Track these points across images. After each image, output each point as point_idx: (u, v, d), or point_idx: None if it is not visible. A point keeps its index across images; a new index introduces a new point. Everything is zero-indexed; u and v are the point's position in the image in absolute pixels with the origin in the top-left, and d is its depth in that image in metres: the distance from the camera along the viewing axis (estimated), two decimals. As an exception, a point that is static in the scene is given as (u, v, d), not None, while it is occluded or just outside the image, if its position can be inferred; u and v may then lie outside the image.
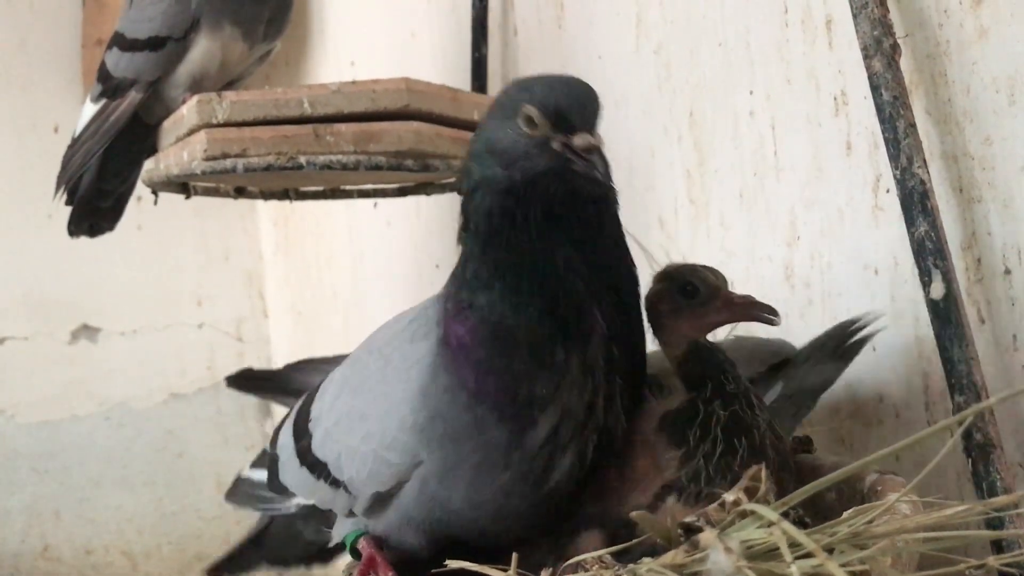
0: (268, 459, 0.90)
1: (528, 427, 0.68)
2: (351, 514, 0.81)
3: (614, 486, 0.72)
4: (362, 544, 0.79)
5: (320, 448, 0.81)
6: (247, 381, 1.08)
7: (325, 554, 0.92)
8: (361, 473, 0.76)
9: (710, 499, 0.68)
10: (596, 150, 0.67)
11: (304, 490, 0.84)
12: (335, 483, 0.79)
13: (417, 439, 0.71)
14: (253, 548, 0.96)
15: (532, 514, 0.72)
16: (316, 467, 0.81)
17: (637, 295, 0.74)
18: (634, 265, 0.74)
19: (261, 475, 0.92)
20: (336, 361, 0.90)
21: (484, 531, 0.74)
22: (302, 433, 0.84)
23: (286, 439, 0.87)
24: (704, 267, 0.77)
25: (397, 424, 0.72)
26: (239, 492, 0.95)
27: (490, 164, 0.69)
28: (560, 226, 0.68)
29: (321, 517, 0.86)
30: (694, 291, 0.75)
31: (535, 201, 0.68)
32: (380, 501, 0.77)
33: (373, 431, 0.75)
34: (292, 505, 0.87)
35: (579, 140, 0.67)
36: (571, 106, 0.68)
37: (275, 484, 0.88)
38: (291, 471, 0.85)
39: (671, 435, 0.72)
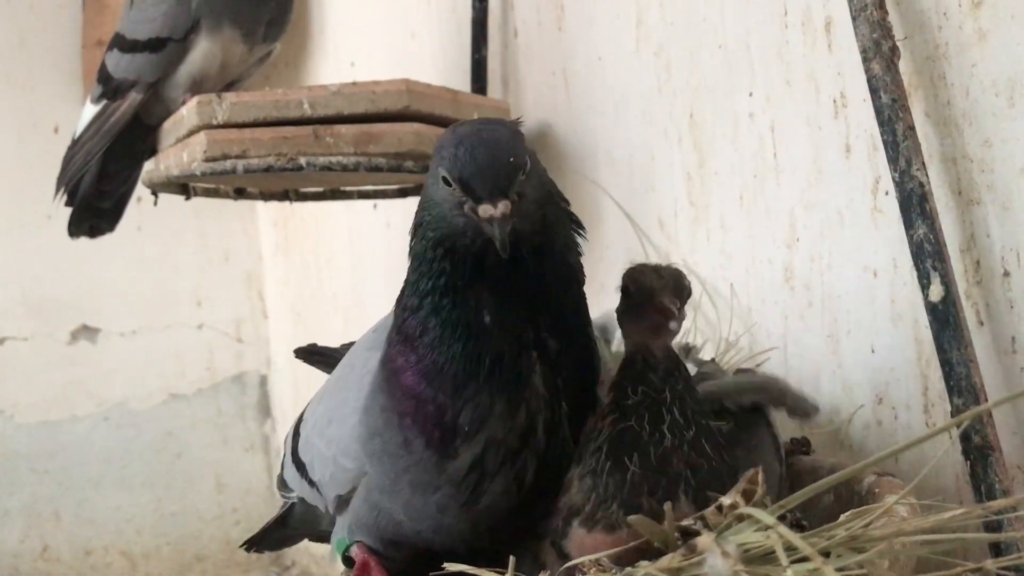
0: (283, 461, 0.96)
1: (451, 456, 0.71)
2: (329, 512, 0.84)
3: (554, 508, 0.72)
4: (355, 551, 0.80)
5: (303, 450, 0.85)
6: (313, 355, 1.08)
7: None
8: (324, 476, 0.80)
9: (607, 525, 0.68)
10: (497, 221, 0.66)
11: (296, 486, 0.88)
12: (312, 483, 0.84)
13: (362, 451, 0.75)
14: (280, 527, 1.00)
15: (472, 530, 0.74)
16: (300, 467, 0.85)
17: (583, 323, 0.75)
18: (581, 296, 0.75)
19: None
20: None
21: (429, 542, 0.76)
22: (296, 433, 0.88)
23: (289, 438, 0.92)
24: (655, 269, 0.74)
25: (349, 432, 0.76)
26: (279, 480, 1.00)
27: (427, 209, 0.72)
28: (488, 275, 0.70)
29: (317, 511, 0.90)
30: (627, 292, 0.73)
31: (461, 254, 0.70)
32: (343, 503, 0.80)
33: (334, 437, 0.78)
34: (293, 498, 0.92)
35: (482, 211, 0.67)
36: (473, 176, 0.67)
37: (279, 479, 0.94)
38: (287, 468, 0.90)
39: (579, 453, 0.72)
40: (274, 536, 1.02)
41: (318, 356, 1.06)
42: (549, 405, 0.72)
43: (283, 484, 0.93)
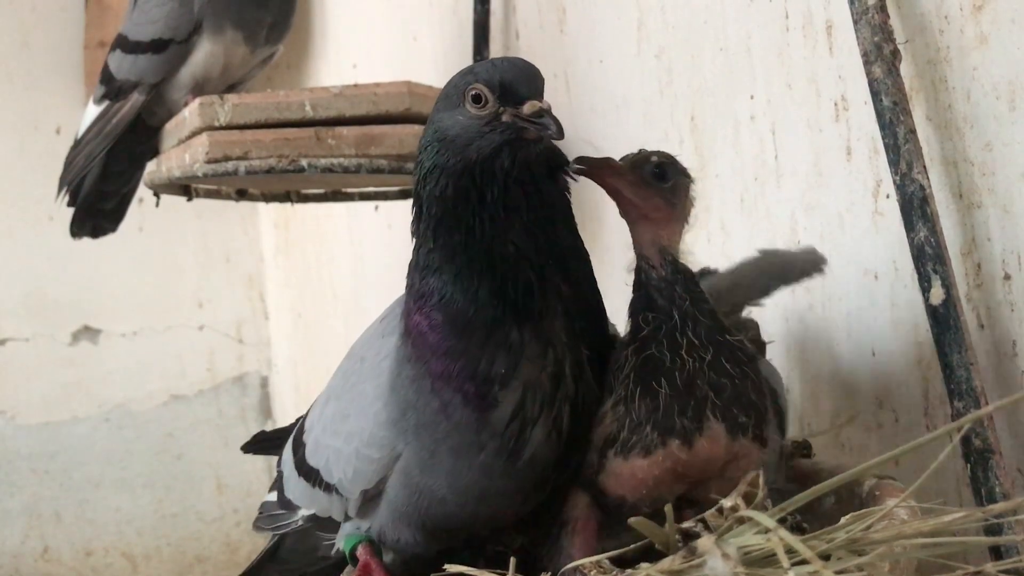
0: (278, 477, 0.92)
1: (492, 406, 0.70)
2: (347, 517, 0.81)
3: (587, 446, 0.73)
4: (359, 551, 0.79)
5: (312, 455, 0.82)
6: (263, 444, 1.06)
7: (339, 568, 0.93)
8: (347, 473, 0.77)
9: (643, 448, 0.69)
10: (546, 112, 0.68)
11: (304, 500, 0.85)
12: (328, 488, 0.80)
13: (393, 433, 0.73)
14: (270, 562, 0.96)
15: (517, 491, 0.73)
16: (311, 475, 0.82)
17: (589, 271, 0.75)
18: (583, 244, 0.75)
19: (272, 496, 0.92)
20: None
21: (475, 516, 0.75)
22: (299, 445, 0.86)
23: (287, 454, 0.89)
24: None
25: (373, 420, 0.74)
26: (262, 517, 0.95)
27: (441, 151, 0.71)
28: (513, 208, 0.70)
29: (326, 528, 0.86)
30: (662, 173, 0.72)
31: (491, 180, 0.69)
32: (370, 499, 0.78)
33: (354, 430, 0.76)
34: (299, 518, 0.87)
35: (528, 107, 0.68)
36: (516, 78, 0.69)
37: (282, 499, 0.89)
38: (292, 483, 0.86)
39: (606, 385, 0.72)
40: (265, 572, 0.97)
41: (269, 443, 1.04)
42: (572, 348, 0.71)
43: (284, 505, 0.88)
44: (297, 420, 0.99)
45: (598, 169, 0.72)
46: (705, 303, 0.72)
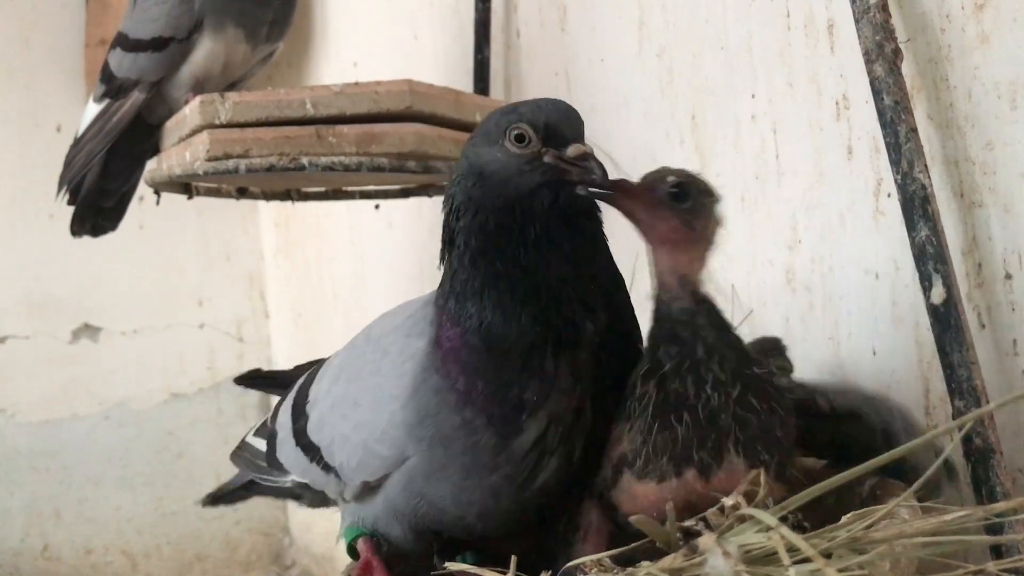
0: (267, 433, 0.92)
1: (516, 432, 0.69)
2: (343, 499, 0.82)
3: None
4: (360, 546, 0.79)
5: (315, 431, 0.82)
6: (254, 380, 1.09)
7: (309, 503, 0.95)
8: (351, 461, 0.77)
9: (658, 477, 0.67)
10: (590, 156, 0.69)
11: (298, 469, 0.85)
12: (327, 467, 0.81)
13: (406, 436, 0.72)
14: (244, 491, 1.00)
15: (518, 512, 0.73)
16: (310, 449, 0.82)
17: (627, 298, 0.75)
18: (620, 274, 0.75)
19: (260, 444, 0.93)
20: None
21: (469, 528, 0.75)
22: (299, 414, 0.85)
23: (284, 417, 0.88)
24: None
25: (387, 418, 0.74)
26: (242, 456, 0.96)
27: (477, 185, 0.71)
28: (554, 240, 0.70)
29: (315, 495, 0.87)
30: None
31: (531, 216, 0.69)
32: (369, 490, 0.78)
33: (364, 421, 0.76)
34: (287, 480, 0.88)
35: (572, 150, 0.69)
36: (560, 120, 0.70)
37: (272, 459, 0.89)
38: (287, 449, 0.86)
39: (622, 407, 0.71)
40: (239, 495, 1.01)
41: (263, 379, 1.05)
42: (597, 380, 0.71)
43: (272, 464, 0.88)
44: (294, 370, 1.00)
45: (610, 192, 0.70)
46: (730, 333, 0.70)
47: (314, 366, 0.95)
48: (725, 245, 1.09)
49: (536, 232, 0.69)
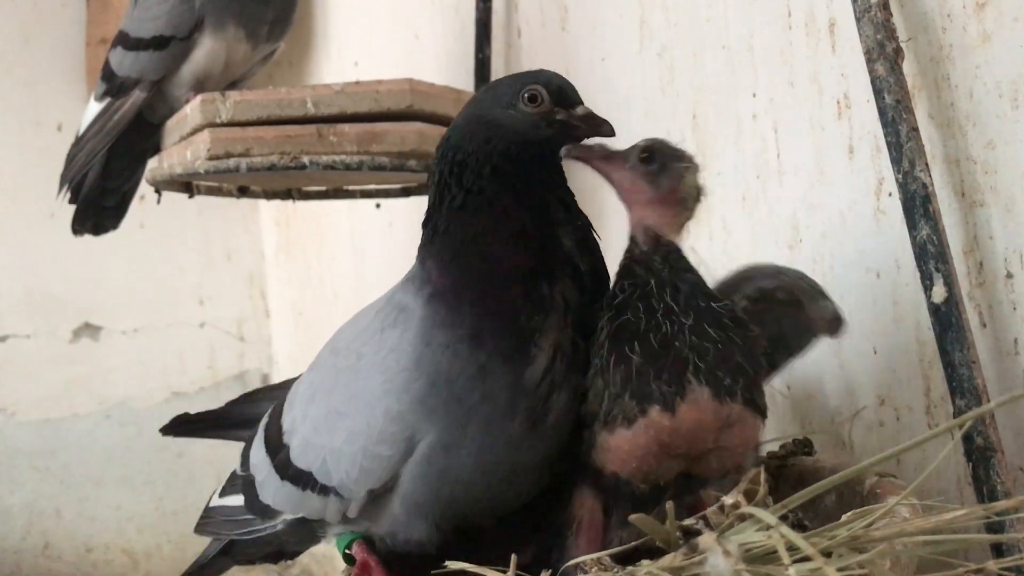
0: (242, 481, 0.89)
1: (529, 362, 0.72)
2: (344, 519, 0.79)
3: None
4: (355, 549, 0.78)
5: (301, 457, 0.80)
6: (184, 426, 1.03)
7: (294, 554, 0.93)
8: (351, 474, 0.76)
9: (624, 419, 0.68)
10: (594, 114, 0.79)
11: (290, 505, 0.83)
12: (324, 490, 0.79)
13: (415, 417, 0.72)
14: (222, 557, 0.94)
15: (539, 463, 0.74)
16: (300, 478, 0.80)
17: (596, 240, 0.79)
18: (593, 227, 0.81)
19: (234, 500, 0.90)
20: (284, 387, 0.90)
21: (494, 499, 0.75)
22: (278, 448, 0.83)
23: (259, 457, 0.86)
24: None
25: (382, 415, 0.73)
26: (211, 523, 0.92)
27: (490, 139, 0.76)
28: (553, 184, 0.78)
29: (307, 532, 0.84)
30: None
31: (540, 161, 0.77)
32: (376, 498, 0.76)
33: (357, 429, 0.75)
34: (278, 523, 0.85)
35: (581, 110, 0.78)
36: (566, 85, 0.79)
37: (256, 505, 0.86)
38: (271, 488, 0.84)
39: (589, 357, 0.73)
40: (218, 566, 0.95)
41: (195, 424, 1.02)
42: (583, 312, 0.74)
43: (256, 511, 0.85)
44: (227, 406, 0.98)
45: (588, 154, 0.77)
46: (688, 272, 0.72)
47: (256, 397, 0.96)
48: (726, 244, 1.10)
49: (541, 177, 0.77)
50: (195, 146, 1.22)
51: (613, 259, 0.77)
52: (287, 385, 0.89)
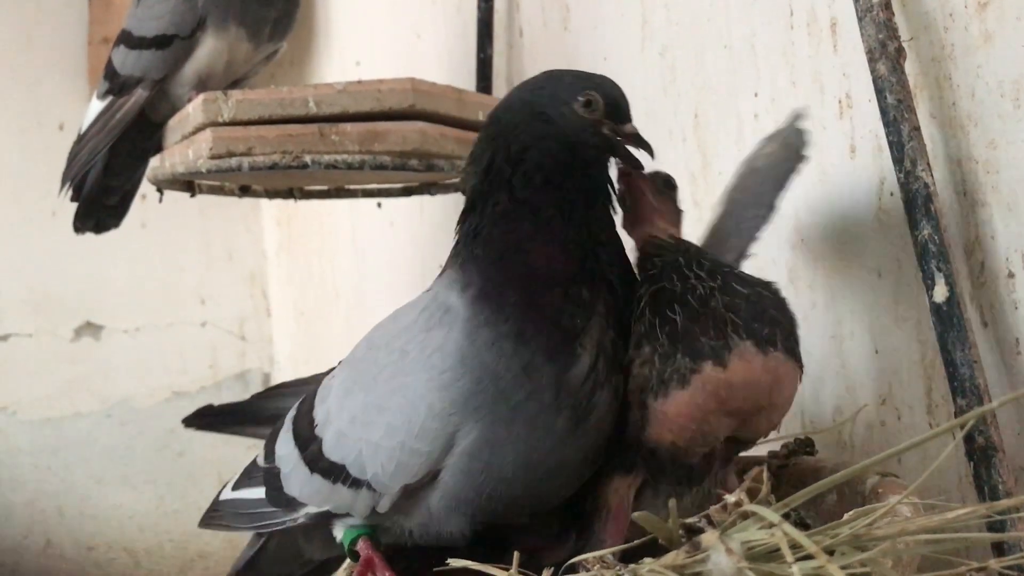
0: (264, 474, 0.88)
1: (573, 361, 0.72)
2: (372, 514, 0.79)
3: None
4: (360, 545, 0.79)
5: (334, 450, 0.80)
6: (208, 418, 1.01)
7: (324, 570, 0.92)
8: (387, 468, 0.76)
9: (679, 380, 0.70)
10: (641, 136, 0.80)
11: (318, 497, 0.82)
12: (356, 483, 0.78)
13: (460, 415, 0.73)
14: (249, 571, 0.93)
15: (581, 461, 0.75)
16: (332, 471, 0.80)
17: (626, 258, 0.81)
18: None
19: (252, 493, 0.89)
20: (310, 382, 0.90)
21: (534, 496, 0.75)
22: (308, 440, 0.83)
23: (287, 450, 0.85)
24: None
25: (425, 412, 0.73)
26: (221, 516, 0.91)
27: (543, 136, 0.77)
28: (601, 190, 0.79)
29: (325, 529, 0.83)
30: (623, 202, 0.81)
31: (585, 167, 0.78)
32: (411, 493, 0.76)
33: (397, 424, 0.75)
34: (300, 516, 0.84)
35: (629, 128, 0.80)
36: (621, 99, 0.80)
37: (280, 498, 0.85)
38: (299, 480, 0.83)
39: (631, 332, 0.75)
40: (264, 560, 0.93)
41: (219, 416, 1.01)
42: (618, 317, 0.75)
43: (279, 504, 0.84)
44: (252, 398, 0.97)
45: (633, 171, 0.82)
46: (708, 253, 0.78)
47: (283, 392, 0.95)
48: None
49: (582, 180, 0.78)
50: (197, 145, 1.22)
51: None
52: (315, 380, 0.89)
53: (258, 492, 0.88)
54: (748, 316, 0.71)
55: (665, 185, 0.83)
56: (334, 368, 0.87)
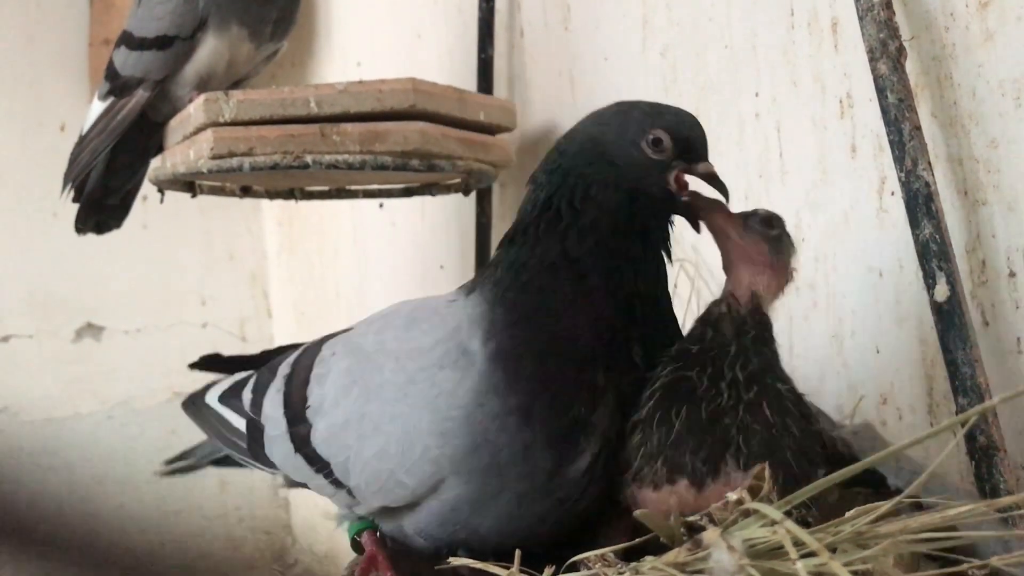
0: (248, 423, 0.87)
1: (575, 455, 0.70)
2: (351, 512, 0.80)
3: None
4: (365, 540, 0.79)
5: (323, 445, 0.79)
6: (216, 364, 1.04)
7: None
8: (371, 486, 0.75)
9: (652, 483, 0.67)
10: (717, 176, 0.74)
11: (298, 475, 0.82)
12: (338, 483, 0.78)
13: (448, 469, 0.71)
14: (215, 464, 0.96)
15: (557, 534, 0.74)
16: (316, 461, 0.79)
17: (670, 307, 0.75)
18: (672, 306, 0.77)
19: (236, 421, 0.89)
20: (318, 344, 0.88)
21: (499, 548, 0.74)
22: (298, 418, 0.81)
23: (275, 412, 0.84)
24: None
25: (420, 452, 0.72)
26: (205, 419, 0.92)
27: (607, 176, 0.72)
28: (651, 242, 0.73)
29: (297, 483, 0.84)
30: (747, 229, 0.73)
31: (643, 219, 0.72)
32: (388, 512, 0.77)
33: (391, 452, 0.73)
34: (279, 474, 0.85)
35: (703, 167, 0.74)
36: (695, 137, 0.74)
37: (258, 454, 0.85)
38: (281, 450, 0.83)
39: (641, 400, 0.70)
40: (203, 465, 0.95)
41: (227, 363, 1.02)
42: (629, 406, 0.71)
43: (258, 459, 0.84)
44: (261, 353, 0.96)
45: (710, 208, 0.73)
46: (768, 347, 0.69)
47: (291, 352, 0.92)
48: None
49: (642, 238, 0.72)
50: (198, 145, 1.22)
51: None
52: (321, 342, 0.88)
53: (240, 424, 0.88)
54: (758, 450, 0.65)
55: (762, 224, 0.73)
56: (338, 335, 0.86)
